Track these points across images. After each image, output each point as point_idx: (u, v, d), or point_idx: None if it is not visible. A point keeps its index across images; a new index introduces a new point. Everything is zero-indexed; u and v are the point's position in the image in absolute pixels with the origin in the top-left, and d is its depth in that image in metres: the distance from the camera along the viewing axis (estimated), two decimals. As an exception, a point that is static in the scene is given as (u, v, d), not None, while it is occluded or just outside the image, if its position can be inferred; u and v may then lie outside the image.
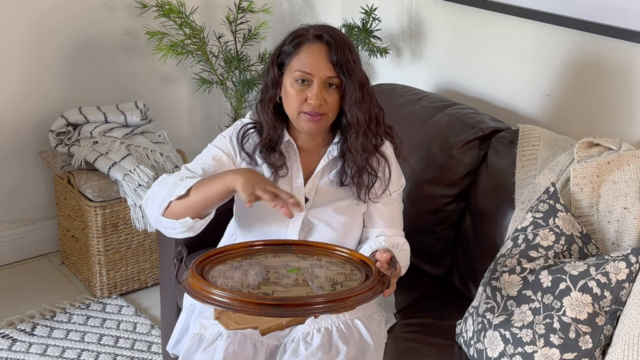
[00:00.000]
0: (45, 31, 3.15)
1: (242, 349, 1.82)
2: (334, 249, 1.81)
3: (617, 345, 1.71)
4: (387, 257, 1.71)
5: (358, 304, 1.58)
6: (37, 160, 3.28)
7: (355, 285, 1.64)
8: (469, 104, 2.59)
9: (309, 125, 1.91)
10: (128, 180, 2.96)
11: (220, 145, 2.02)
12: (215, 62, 3.25)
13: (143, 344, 2.84)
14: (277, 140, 1.97)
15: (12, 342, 2.82)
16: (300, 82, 1.88)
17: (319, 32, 1.89)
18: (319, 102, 1.87)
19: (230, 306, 1.53)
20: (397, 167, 2.06)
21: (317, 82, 1.87)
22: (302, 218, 1.97)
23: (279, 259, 1.78)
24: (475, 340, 1.91)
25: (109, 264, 3.08)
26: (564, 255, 1.90)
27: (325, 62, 1.87)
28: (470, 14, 2.71)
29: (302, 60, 1.88)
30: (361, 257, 1.77)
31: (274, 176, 1.97)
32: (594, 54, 2.37)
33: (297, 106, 1.89)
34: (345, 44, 1.90)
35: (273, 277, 1.68)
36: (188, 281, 1.61)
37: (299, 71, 1.88)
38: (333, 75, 1.88)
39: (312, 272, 1.71)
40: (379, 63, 3.06)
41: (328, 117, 1.92)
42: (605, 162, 2.03)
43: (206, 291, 1.56)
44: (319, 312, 1.55)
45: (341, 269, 1.74)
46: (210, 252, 1.75)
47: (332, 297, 1.56)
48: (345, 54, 1.88)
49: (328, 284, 1.66)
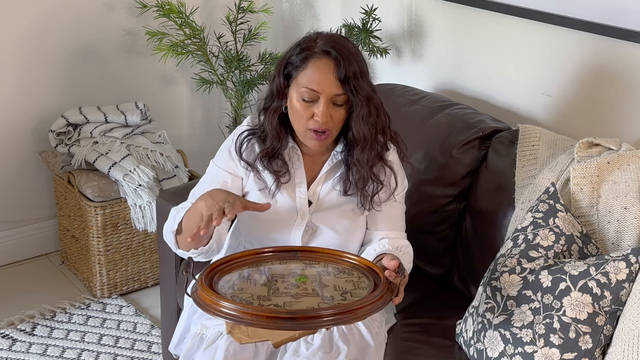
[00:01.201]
0: (45, 31, 3.15)
1: (242, 349, 1.82)
2: (341, 256, 1.80)
3: (617, 345, 1.72)
4: (394, 265, 1.69)
5: (369, 314, 1.58)
6: (37, 160, 3.28)
7: (364, 293, 1.63)
8: (469, 104, 2.59)
9: (315, 143, 1.89)
10: (128, 180, 2.96)
11: (221, 165, 2.01)
12: (215, 62, 3.25)
13: (143, 344, 2.84)
14: (280, 149, 1.95)
15: (12, 342, 2.82)
16: (306, 98, 1.85)
17: (327, 47, 1.84)
18: (325, 119, 1.84)
19: (242, 320, 1.52)
20: (402, 171, 2.04)
21: (324, 100, 1.83)
22: (306, 222, 1.97)
23: (286, 266, 1.77)
24: (475, 340, 1.91)
25: (109, 264, 3.08)
26: (564, 255, 1.90)
27: (333, 79, 1.83)
28: (470, 14, 2.71)
29: (309, 77, 1.84)
30: (368, 263, 1.76)
31: (276, 183, 1.96)
32: (594, 54, 2.37)
33: (304, 122, 1.87)
34: (353, 56, 1.84)
35: (282, 287, 1.67)
36: (198, 294, 1.60)
37: (306, 88, 1.84)
38: (340, 93, 1.84)
39: (321, 281, 1.70)
40: (379, 63, 3.06)
41: (332, 133, 1.89)
42: (605, 162, 2.03)
43: (218, 304, 1.55)
44: (331, 324, 1.55)
45: (349, 276, 1.73)
46: (217, 262, 1.74)
47: (344, 308, 1.55)
48: (353, 68, 1.83)
49: (338, 293, 1.65)
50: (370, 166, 1.93)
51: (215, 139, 3.57)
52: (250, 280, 1.70)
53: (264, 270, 1.74)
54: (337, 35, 1.93)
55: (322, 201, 1.99)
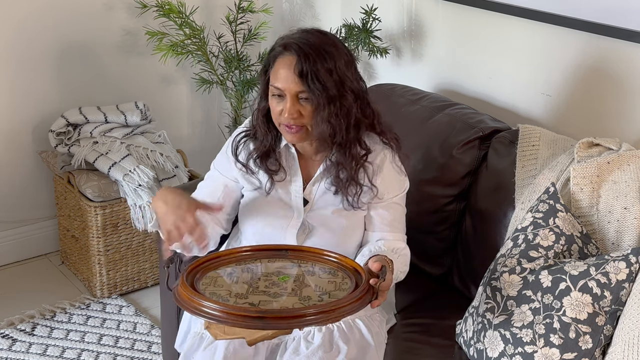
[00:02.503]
0: (45, 31, 3.15)
1: (242, 348, 1.82)
2: (325, 255, 1.79)
3: (617, 345, 1.71)
4: (376, 268, 1.68)
5: (345, 315, 1.57)
6: (37, 160, 3.28)
7: (343, 295, 1.63)
8: (469, 104, 2.58)
9: (290, 136, 1.89)
10: (128, 180, 2.96)
11: (219, 168, 2.02)
12: (215, 62, 3.25)
13: (143, 344, 2.84)
14: (272, 147, 1.96)
15: (12, 342, 2.82)
16: (276, 95, 1.85)
17: (288, 42, 1.83)
18: (291, 116, 1.83)
19: (214, 317, 1.54)
20: (395, 173, 2.00)
21: (289, 97, 1.83)
22: (301, 221, 1.97)
23: (274, 264, 1.77)
24: (475, 340, 1.91)
25: (109, 264, 3.08)
26: (564, 255, 1.90)
27: (293, 76, 1.80)
28: (470, 14, 2.71)
29: (275, 74, 1.84)
30: (353, 264, 1.75)
31: (270, 181, 1.96)
32: (595, 54, 2.37)
33: (277, 118, 1.87)
34: (319, 52, 1.80)
35: (262, 286, 1.67)
36: (177, 289, 1.61)
37: (272, 86, 1.85)
38: (301, 90, 1.82)
39: (303, 281, 1.70)
40: (379, 63, 3.06)
41: (307, 129, 1.87)
42: (605, 162, 2.03)
43: (193, 301, 1.56)
44: (305, 324, 1.54)
45: (333, 276, 1.73)
46: (203, 258, 1.74)
47: (318, 309, 1.55)
48: (314, 64, 1.79)
49: (316, 294, 1.65)
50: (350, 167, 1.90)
51: (215, 139, 3.58)
52: (233, 278, 1.71)
53: (250, 268, 1.75)
54: (311, 30, 1.88)
55: (317, 200, 1.99)
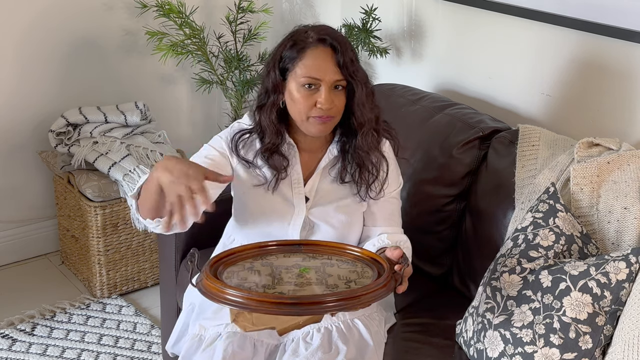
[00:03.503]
0: (45, 31, 3.15)
1: (241, 349, 1.82)
2: (344, 248, 1.82)
3: (617, 345, 1.71)
4: (398, 254, 1.72)
5: (373, 300, 1.59)
6: (37, 160, 3.27)
7: (368, 282, 1.65)
8: (469, 104, 2.59)
9: (319, 127, 1.90)
10: (128, 180, 2.96)
11: (215, 145, 2.01)
12: (215, 62, 3.25)
13: (143, 344, 2.83)
14: (279, 144, 1.97)
15: (12, 342, 2.82)
16: (307, 87, 1.87)
17: (322, 36, 1.89)
18: (329, 105, 1.87)
19: (247, 306, 1.53)
20: (396, 166, 2.07)
21: (325, 86, 1.86)
22: (304, 217, 1.98)
23: (290, 259, 1.78)
24: (475, 340, 1.91)
25: (109, 264, 3.08)
26: (564, 255, 1.90)
27: (332, 66, 1.87)
28: (470, 14, 2.71)
29: (309, 65, 1.87)
30: (372, 254, 1.78)
31: (276, 179, 1.97)
32: (594, 54, 2.37)
33: (306, 111, 1.88)
34: (347, 44, 1.91)
35: (286, 277, 1.68)
36: (203, 283, 1.61)
37: (306, 77, 1.87)
38: (340, 78, 1.88)
39: (325, 271, 1.72)
40: (379, 63, 3.06)
41: (336, 119, 1.92)
42: (605, 162, 2.03)
43: (222, 292, 1.56)
44: (335, 309, 1.56)
45: (352, 267, 1.75)
46: (222, 254, 1.75)
47: (348, 294, 1.57)
48: (349, 54, 1.88)
49: (342, 282, 1.67)
50: (368, 152, 1.96)
51: (215, 139, 3.57)
52: (254, 271, 1.71)
53: (268, 262, 1.76)
54: (325, 25, 1.97)
55: (318, 197, 2.00)
